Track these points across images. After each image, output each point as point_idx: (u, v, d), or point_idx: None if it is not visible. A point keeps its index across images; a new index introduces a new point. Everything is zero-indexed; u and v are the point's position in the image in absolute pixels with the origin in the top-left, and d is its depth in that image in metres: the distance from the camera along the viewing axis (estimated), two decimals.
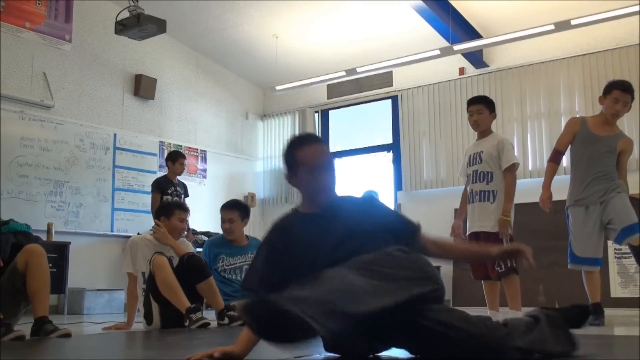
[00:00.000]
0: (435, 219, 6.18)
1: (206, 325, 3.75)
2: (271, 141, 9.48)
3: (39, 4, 6.98)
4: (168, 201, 4.52)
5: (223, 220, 4.81)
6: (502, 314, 4.15)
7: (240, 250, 4.78)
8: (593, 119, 4.36)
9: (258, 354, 2.04)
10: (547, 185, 4.31)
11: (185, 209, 4.44)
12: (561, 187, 7.00)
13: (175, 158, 6.79)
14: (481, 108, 4.32)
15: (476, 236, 4.26)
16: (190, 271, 3.96)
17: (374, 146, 8.94)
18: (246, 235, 4.93)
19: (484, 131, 4.40)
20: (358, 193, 6.61)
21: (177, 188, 6.74)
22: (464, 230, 4.56)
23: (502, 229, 4.12)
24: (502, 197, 4.19)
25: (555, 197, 4.37)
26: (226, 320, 3.93)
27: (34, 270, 3.20)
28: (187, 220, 4.53)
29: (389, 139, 8.63)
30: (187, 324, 3.77)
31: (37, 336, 3.12)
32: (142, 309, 4.10)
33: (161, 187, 6.63)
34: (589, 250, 4.16)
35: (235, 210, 4.81)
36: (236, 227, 4.79)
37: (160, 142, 8.11)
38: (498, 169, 4.25)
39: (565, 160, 7.06)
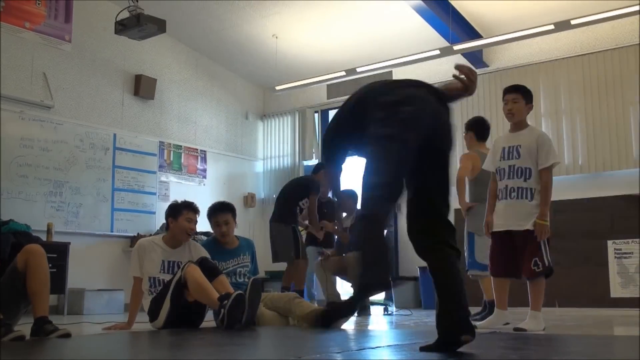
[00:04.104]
0: None
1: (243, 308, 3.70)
2: (271, 141, 9.47)
3: (38, 4, 6.98)
4: (176, 202, 4.45)
5: (218, 224, 4.62)
6: (511, 315, 4.08)
7: (233, 253, 4.64)
8: None
9: (258, 354, 2.03)
10: None
11: (194, 209, 4.33)
12: (563, 187, 7.05)
13: None
14: (517, 97, 4.06)
15: (508, 234, 3.97)
16: (205, 272, 3.91)
17: None
18: (236, 237, 4.82)
19: (518, 123, 4.09)
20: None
21: None
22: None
23: (540, 234, 3.85)
24: (538, 197, 3.93)
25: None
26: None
27: (34, 271, 3.20)
28: (196, 221, 4.39)
29: None
30: (221, 315, 3.71)
31: (37, 336, 3.12)
32: (147, 305, 4.08)
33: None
34: None
35: (229, 212, 4.65)
36: (231, 229, 4.65)
37: (160, 142, 8.11)
38: (536, 165, 3.97)
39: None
